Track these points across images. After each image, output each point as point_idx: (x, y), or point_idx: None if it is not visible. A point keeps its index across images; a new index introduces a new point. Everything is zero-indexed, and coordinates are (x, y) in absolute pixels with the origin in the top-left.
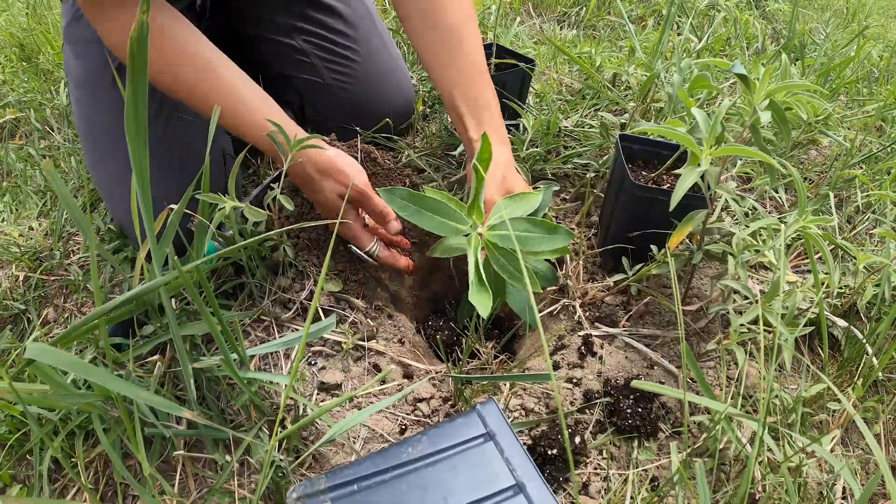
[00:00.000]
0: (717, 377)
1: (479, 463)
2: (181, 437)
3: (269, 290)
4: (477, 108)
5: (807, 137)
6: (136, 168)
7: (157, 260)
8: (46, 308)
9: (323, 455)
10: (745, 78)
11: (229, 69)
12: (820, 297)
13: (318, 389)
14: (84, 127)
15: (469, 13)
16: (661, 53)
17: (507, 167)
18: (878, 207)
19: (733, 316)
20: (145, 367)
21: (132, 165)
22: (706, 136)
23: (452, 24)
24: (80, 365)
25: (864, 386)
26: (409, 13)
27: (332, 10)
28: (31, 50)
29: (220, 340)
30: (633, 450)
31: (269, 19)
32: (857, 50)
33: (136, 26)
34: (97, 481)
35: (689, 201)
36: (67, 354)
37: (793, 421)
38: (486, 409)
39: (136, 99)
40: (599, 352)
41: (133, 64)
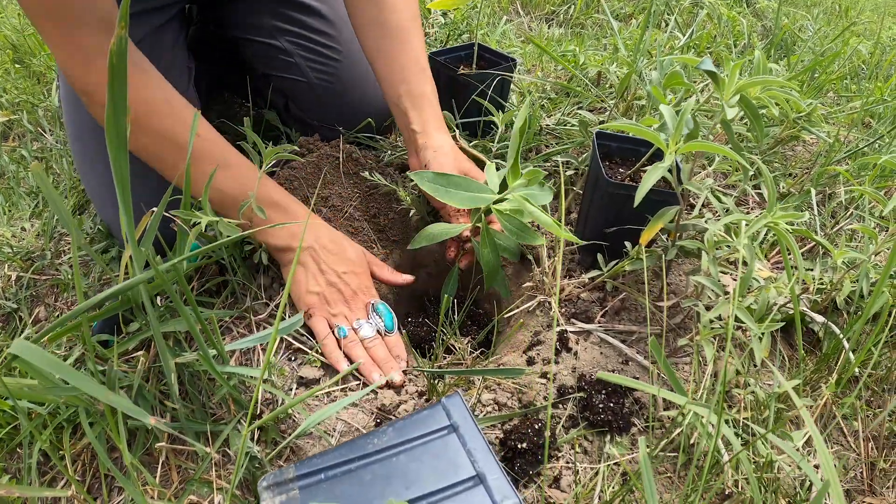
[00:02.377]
0: (691, 373)
1: (442, 454)
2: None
3: (250, 288)
4: (420, 102)
5: (789, 134)
6: (117, 174)
7: (137, 261)
8: (38, 307)
9: (300, 447)
10: (714, 74)
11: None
12: (793, 290)
13: (297, 384)
14: (73, 127)
15: (414, 13)
16: (644, 51)
17: (454, 150)
18: (861, 203)
19: (702, 310)
20: (131, 363)
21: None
22: (672, 132)
23: (399, 27)
24: (56, 364)
25: (841, 382)
26: (364, 21)
27: (314, 11)
28: (23, 52)
29: (198, 336)
30: (605, 444)
31: (254, 22)
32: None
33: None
34: (84, 473)
35: (663, 198)
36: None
37: (767, 416)
38: (450, 402)
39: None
40: (574, 347)
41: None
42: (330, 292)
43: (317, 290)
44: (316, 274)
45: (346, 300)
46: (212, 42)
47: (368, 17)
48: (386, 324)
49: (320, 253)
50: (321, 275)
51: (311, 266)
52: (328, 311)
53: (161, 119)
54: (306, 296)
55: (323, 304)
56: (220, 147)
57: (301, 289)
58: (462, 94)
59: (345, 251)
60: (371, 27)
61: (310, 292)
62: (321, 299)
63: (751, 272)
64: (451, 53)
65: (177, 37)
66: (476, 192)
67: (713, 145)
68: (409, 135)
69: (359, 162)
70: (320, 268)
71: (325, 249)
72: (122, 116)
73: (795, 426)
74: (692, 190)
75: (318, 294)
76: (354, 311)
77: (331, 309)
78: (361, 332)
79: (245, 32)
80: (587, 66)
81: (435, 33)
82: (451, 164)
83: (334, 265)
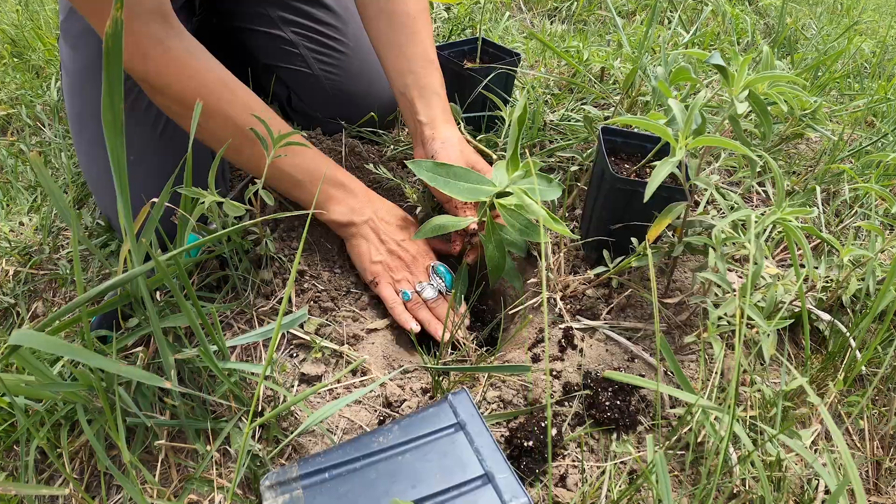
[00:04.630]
0: (698, 370)
1: (449, 452)
2: (164, 427)
3: (251, 283)
4: (427, 93)
5: (794, 131)
6: (114, 160)
7: (136, 254)
8: (36, 302)
9: (303, 445)
10: (723, 69)
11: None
12: (800, 288)
13: (300, 381)
14: (75, 116)
15: (423, 5)
16: (648, 47)
17: (461, 143)
18: (866, 201)
19: (710, 307)
20: (130, 359)
21: (110, 161)
22: (682, 126)
23: (408, 17)
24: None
25: (848, 380)
26: (372, 12)
27: (321, 2)
28: (22, 46)
29: (199, 332)
30: (612, 442)
31: (259, 12)
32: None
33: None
34: (82, 471)
35: (669, 194)
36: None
37: (774, 415)
38: (457, 400)
39: (111, 93)
40: (580, 344)
41: (108, 58)
42: (391, 259)
43: (379, 259)
44: (377, 244)
45: (407, 265)
46: (215, 34)
47: (377, 8)
48: (447, 283)
49: (379, 224)
50: (382, 245)
51: (372, 237)
52: (392, 278)
53: (222, 102)
54: (371, 265)
55: (387, 272)
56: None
57: (366, 260)
58: (466, 88)
59: (401, 220)
60: (379, 17)
61: (374, 262)
62: (384, 267)
63: (760, 269)
64: (455, 48)
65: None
66: (476, 183)
67: (725, 140)
68: (415, 126)
69: (362, 156)
70: (381, 238)
71: (383, 221)
72: (117, 100)
73: (802, 424)
74: (701, 186)
75: (381, 263)
76: (416, 274)
77: (394, 275)
78: (424, 293)
79: (250, 23)
80: (591, 62)
81: (438, 28)
82: (458, 157)
83: (393, 234)
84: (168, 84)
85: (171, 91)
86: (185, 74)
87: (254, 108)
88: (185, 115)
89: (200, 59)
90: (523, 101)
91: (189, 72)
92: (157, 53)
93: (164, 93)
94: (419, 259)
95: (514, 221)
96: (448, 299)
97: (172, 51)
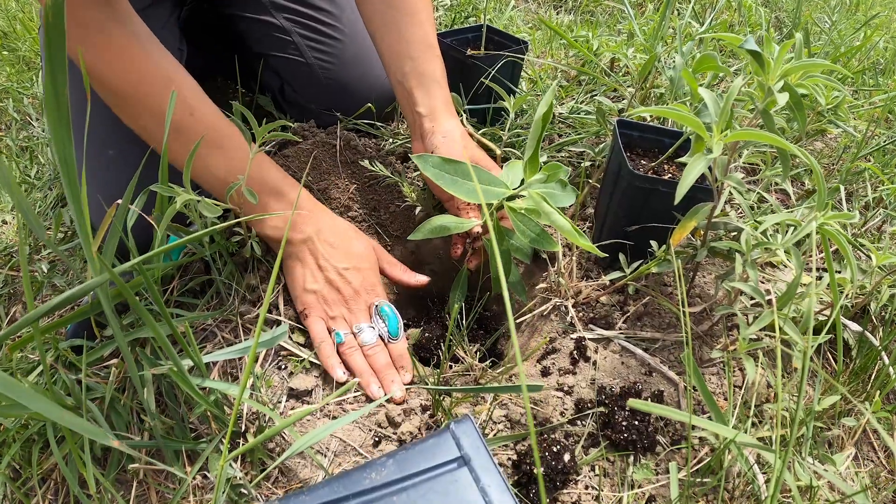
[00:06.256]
0: (720, 384)
1: (451, 492)
2: (142, 448)
3: (235, 289)
4: (427, 82)
5: (815, 127)
6: (59, 152)
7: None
8: (15, 305)
9: (290, 469)
10: (759, 55)
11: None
12: (836, 298)
13: (288, 396)
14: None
15: None
16: (662, 37)
17: (463, 137)
18: (890, 202)
19: (741, 321)
20: (105, 372)
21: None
22: (716, 119)
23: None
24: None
25: (881, 396)
26: None
27: None
28: (13, 38)
29: (169, 349)
30: (629, 466)
31: None
32: (863, 39)
33: None
34: (57, 492)
35: (693, 193)
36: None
37: (803, 435)
38: (460, 429)
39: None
40: (593, 356)
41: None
42: (328, 291)
43: (314, 289)
44: (314, 270)
45: (345, 300)
46: (206, 23)
47: None
48: (390, 329)
49: (319, 246)
50: (319, 271)
51: (308, 261)
52: (326, 313)
53: (158, 98)
54: (303, 294)
55: (320, 304)
56: (218, 128)
57: (298, 286)
58: (469, 77)
59: (349, 244)
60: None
61: (307, 290)
62: (319, 298)
63: (798, 279)
64: (458, 35)
65: (168, 17)
66: (487, 184)
67: (767, 135)
68: (413, 118)
69: (358, 150)
70: (318, 263)
71: (325, 242)
72: (61, 85)
73: (828, 444)
74: (731, 186)
75: (315, 293)
76: (355, 312)
77: (329, 310)
78: (361, 336)
79: (240, 9)
80: (602, 51)
81: (440, 17)
82: (460, 152)
83: (335, 261)
84: (103, 73)
85: (109, 82)
86: (125, 65)
87: (195, 109)
88: (119, 106)
89: (147, 51)
90: (550, 96)
91: (129, 62)
92: (97, 41)
93: (102, 82)
94: (362, 294)
95: (524, 228)
96: (390, 347)
97: (113, 39)
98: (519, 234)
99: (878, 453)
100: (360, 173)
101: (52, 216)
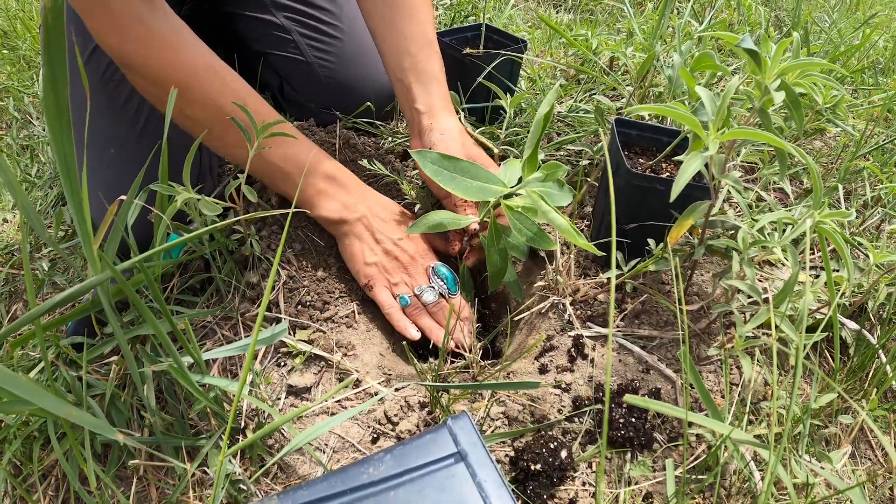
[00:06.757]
0: (717, 382)
1: (447, 487)
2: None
3: (235, 286)
4: (425, 79)
5: (814, 126)
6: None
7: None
8: (16, 303)
9: (289, 465)
10: (756, 54)
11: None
12: (833, 296)
13: (287, 393)
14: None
15: None
16: (661, 36)
17: (462, 134)
18: (889, 201)
19: (738, 318)
20: (105, 369)
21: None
22: (713, 117)
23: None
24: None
25: (878, 395)
26: None
27: None
28: (13, 37)
29: (170, 345)
30: (626, 463)
31: None
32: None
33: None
34: (58, 488)
35: (690, 191)
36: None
37: (800, 433)
38: (457, 425)
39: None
40: (591, 354)
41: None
42: (388, 261)
43: (374, 261)
44: (371, 244)
45: (404, 267)
46: (206, 22)
47: None
48: (449, 286)
49: (374, 222)
50: (377, 244)
51: (365, 236)
52: (388, 280)
53: (208, 89)
54: (365, 267)
55: (382, 274)
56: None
57: (359, 261)
58: (468, 76)
59: (398, 217)
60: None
61: (368, 263)
62: (380, 269)
63: (795, 277)
64: (457, 34)
65: None
66: (485, 181)
67: (762, 134)
68: (412, 115)
69: (357, 149)
70: (375, 237)
71: (378, 218)
72: (62, 86)
73: (826, 441)
74: (729, 184)
75: (376, 264)
76: (414, 276)
77: (391, 277)
78: (424, 297)
79: (241, 7)
80: (601, 50)
81: (439, 17)
82: (458, 150)
83: (389, 233)
84: (147, 65)
85: (151, 73)
86: (170, 57)
87: (244, 97)
88: (162, 98)
89: (189, 43)
90: (552, 97)
91: (174, 55)
92: (138, 32)
93: (143, 74)
94: (418, 259)
95: (521, 226)
96: (451, 302)
97: (156, 31)
98: (516, 232)
99: (876, 451)
100: (359, 172)
101: (53, 214)
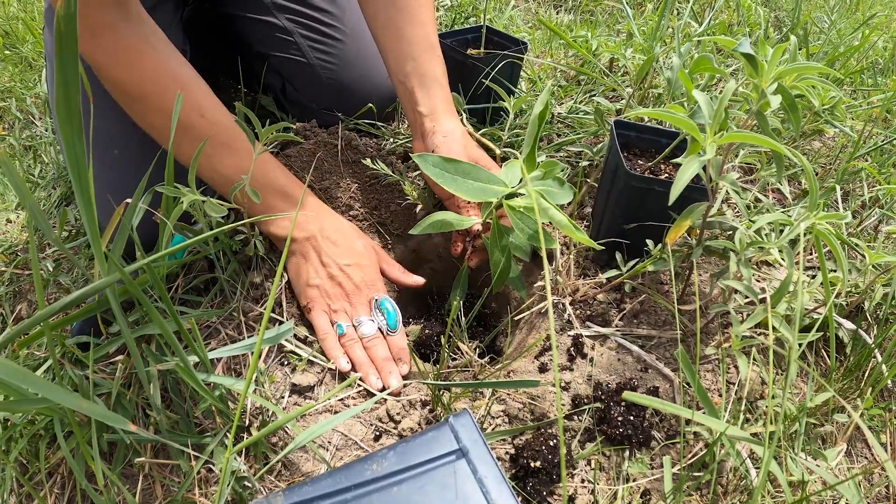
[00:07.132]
0: (715, 381)
1: (449, 483)
2: (147, 442)
3: (240, 286)
4: (428, 82)
5: (812, 127)
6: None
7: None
8: (21, 303)
9: (293, 462)
10: (752, 58)
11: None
12: (828, 296)
13: (290, 391)
14: (54, 104)
15: None
16: (660, 38)
17: (464, 136)
18: (886, 202)
19: (735, 318)
20: (113, 366)
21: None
22: (709, 121)
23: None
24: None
25: (873, 394)
26: None
27: None
28: (15, 38)
29: (176, 345)
30: (624, 460)
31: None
32: (862, 39)
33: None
34: (63, 486)
35: (688, 193)
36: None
37: (796, 431)
38: (458, 422)
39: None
40: (590, 353)
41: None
42: (330, 286)
43: (317, 283)
44: (317, 266)
45: (347, 295)
46: (208, 23)
47: None
48: (389, 322)
49: (322, 243)
50: (322, 267)
51: (312, 257)
52: (328, 306)
53: (166, 96)
54: (307, 289)
55: (323, 298)
56: (227, 128)
57: (302, 281)
58: (469, 78)
59: (351, 242)
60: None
61: (310, 285)
62: (322, 293)
63: (790, 278)
64: (458, 36)
65: (172, 17)
66: (486, 182)
67: (759, 137)
68: (414, 118)
69: (359, 150)
70: (322, 259)
71: (328, 240)
72: (73, 92)
73: (822, 439)
74: (727, 186)
75: (318, 287)
76: (356, 306)
77: (331, 303)
78: (362, 329)
79: (242, 9)
80: (601, 51)
81: (440, 18)
82: (460, 152)
83: (337, 257)
84: (114, 73)
85: (118, 80)
86: (135, 65)
87: (203, 106)
88: (132, 105)
89: (158, 52)
90: (546, 95)
91: (139, 63)
92: (108, 40)
93: (111, 81)
94: (363, 289)
95: (523, 225)
96: (389, 340)
97: (123, 39)
98: (518, 231)
99: (871, 450)
100: (361, 172)
101: (56, 215)
